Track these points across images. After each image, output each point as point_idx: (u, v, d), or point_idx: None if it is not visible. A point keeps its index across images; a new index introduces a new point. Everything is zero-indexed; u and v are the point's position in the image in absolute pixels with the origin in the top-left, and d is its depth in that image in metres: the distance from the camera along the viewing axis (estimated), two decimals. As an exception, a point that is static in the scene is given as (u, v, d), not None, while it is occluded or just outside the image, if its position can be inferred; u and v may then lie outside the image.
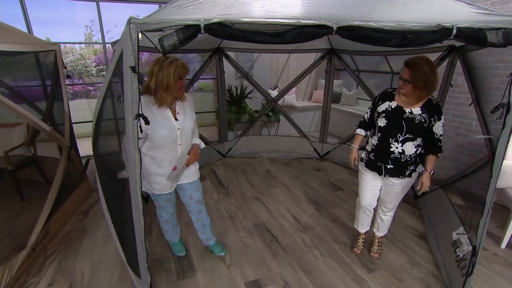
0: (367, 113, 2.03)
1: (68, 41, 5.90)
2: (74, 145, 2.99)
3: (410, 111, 1.75)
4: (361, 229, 2.30)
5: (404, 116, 1.75)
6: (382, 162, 1.89)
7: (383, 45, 1.24)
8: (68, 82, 3.05)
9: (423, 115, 1.73)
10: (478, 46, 1.69)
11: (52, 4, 4.90)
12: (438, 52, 2.72)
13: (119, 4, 4.23)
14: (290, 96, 5.50)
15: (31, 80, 3.25)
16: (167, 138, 1.74)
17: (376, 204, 2.15)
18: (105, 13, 4.01)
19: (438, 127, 1.76)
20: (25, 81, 3.31)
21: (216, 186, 3.51)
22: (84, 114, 5.42)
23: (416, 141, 1.80)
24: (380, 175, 1.94)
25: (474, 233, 1.70)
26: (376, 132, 1.89)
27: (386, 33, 1.19)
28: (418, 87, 1.65)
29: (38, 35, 3.72)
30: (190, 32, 1.13)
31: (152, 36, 1.15)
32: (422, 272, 2.11)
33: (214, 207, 3.01)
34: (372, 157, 1.94)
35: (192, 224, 2.20)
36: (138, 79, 1.23)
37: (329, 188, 3.48)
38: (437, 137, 1.78)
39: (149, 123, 1.32)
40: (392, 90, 1.89)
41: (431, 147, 1.83)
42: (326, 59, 4.02)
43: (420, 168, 1.90)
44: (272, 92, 5.19)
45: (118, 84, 2.23)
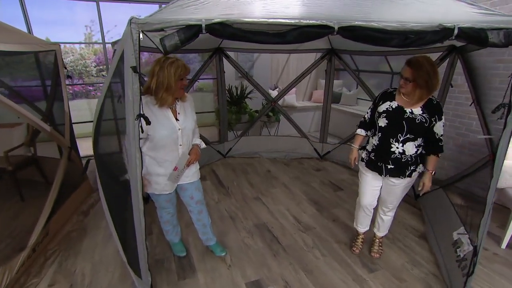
0: (367, 113, 2.02)
1: (68, 41, 5.89)
2: (74, 145, 2.99)
3: (410, 111, 1.75)
4: (361, 228, 2.30)
5: (405, 116, 1.75)
6: (383, 162, 1.89)
7: (385, 45, 1.24)
8: (68, 82, 3.04)
9: (423, 115, 1.73)
10: (480, 46, 1.69)
11: (52, 4, 4.90)
12: (438, 52, 2.72)
13: (119, 4, 4.23)
14: (290, 96, 5.50)
15: (30, 80, 3.25)
16: (168, 138, 1.74)
17: (376, 204, 2.15)
18: (105, 13, 4.01)
19: (439, 127, 1.76)
20: (25, 81, 3.31)
21: (217, 186, 3.51)
22: (84, 114, 5.42)
23: (416, 141, 1.80)
24: (381, 175, 1.94)
25: (475, 233, 1.70)
26: (377, 132, 1.89)
27: (387, 33, 1.19)
28: (420, 86, 1.65)
29: (38, 35, 3.71)
30: (192, 32, 1.13)
31: (154, 36, 1.14)
32: (422, 272, 2.11)
33: (215, 207, 3.01)
34: (373, 157, 1.94)
35: (192, 224, 2.20)
36: (139, 79, 1.23)
37: (329, 188, 3.48)
38: (438, 137, 1.78)
39: (150, 123, 1.31)
40: (392, 90, 1.89)
41: (432, 147, 1.82)
42: (326, 59, 4.02)
43: (420, 168, 1.90)
44: (272, 92, 5.19)
45: (118, 84, 2.22)
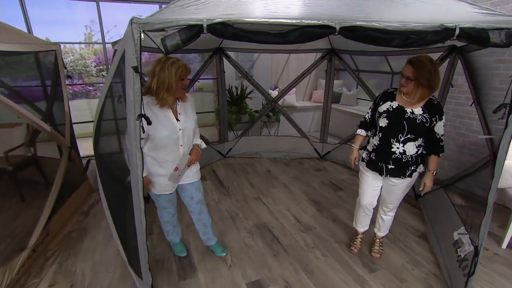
0: (368, 114, 2.02)
1: (68, 41, 5.89)
2: (75, 145, 2.98)
3: (411, 111, 1.75)
4: (360, 228, 2.31)
5: (406, 116, 1.75)
6: (383, 162, 1.89)
7: (386, 45, 1.24)
8: (68, 82, 3.04)
9: (424, 115, 1.72)
10: (481, 46, 1.69)
11: (52, 4, 4.89)
12: (439, 52, 2.72)
13: (119, 4, 4.23)
14: (290, 96, 5.50)
15: (30, 80, 3.24)
16: (169, 138, 1.73)
17: (376, 204, 2.15)
18: (105, 13, 4.01)
19: (439, 127, 1.76)
20: (25, 81, 3.30)
21: (217, 187, 3.51)
22: (84, 114, 5.41)
23: (417, 141, 1.80)
24: (381, 175, 1.94)
25: (475, 233, 1.70)
26: (377, 132, 1.89)
27: (389, 33, 1.19)
28: (422, 85, 1.65)
29: (38, 35, 3.71)
30: (193, 32, 1.13)
31: (155, 36, 1.14)
32: (423, 272, 2.11)
33: (215, 208, 3.00)
34: (373, 157, 1.94)
35: (193, 225, 2.20)
36: (140, 79, 1.23)
37: (329, 188, 3.48)
38: (438, 137, 1.78)
39: (151, 123, 1.31)
40: (393, 90, 1.88)
41: (432, 147, 1.82)
42: (326, 59, 4.02)
43: (421, 168, 1.90)
44: (272, 92, 5.19)
45: (118, 84, 2.22)
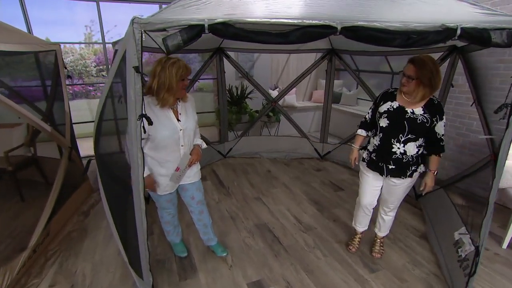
0: (368, 114, 2.02)
1: (68, 41, 5.88)
2: (75, 145, 2.98)
3: (412, 111, 1.75)
4: (359, 228, 2.31)
5: (406, 116, 1.75)
6: (384, 162, 1.89)
7: (387, 45, 1.24)
8: (68, 82, 3.03)
9: (425, 115, 1.72)
10: (482, 47, 1.69)
11: (52, 4, 4.88)
12: (439, 52, 2.72)
13: (119, 4, 4.22)
14: (290, 96, 5.50)
15: (30, 80, 3.24)
16: (169, 139, 1.73)
17: (376, 204, 2.15)
18: (105, 13, 4.00)
19: (440, 127, 1.76)
20: (25, 81, 3.30)
21: (217, 187, 3.50)
22: (84, 115, 5.40)
23: (418, 141, 1.80)
24: (382, 175, 1.94)
25: (476, 233, 1.70)
26: (378, 133, 1.89)
27: (390, 33, 1.19)
28: (423, 84, 1.65)
29: (38, 35, 3.70)
30: (194, 32, 1.13)
31: (156, 36, 1.14)
32: (424, 272, 2.11)
33: (215, 208, 3.00)
34: (374, 157, 1.94)
35: (193, 225, 2.20)
36: (141, 79, 1.22)
37: (330, 188, 3.48)
38: (439, 136, 1.78)
39: (152, 124, 1.31)
40: (393, 90, 1.88)
41: (433, 147, 1.83)
42: (326, 59, 4.02)
43: (421, 169, 1.90)
44: (272, 92, 5.18)
45: (119, 84, 2.21)
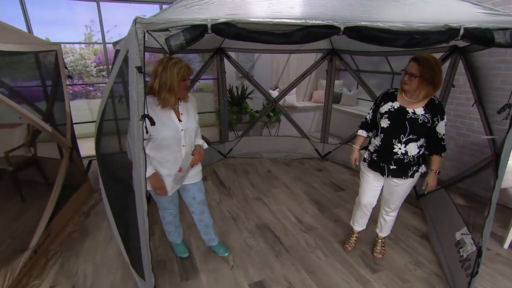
0: (369, 114, 2.02)
1: (68, 41, 5.87)
2: (76, 146, 2.97)
3: (413, 111, 1.75)
4: (357, 227, 2.32)
5: (407, 117, 1.75)
6: (385, 162, 1.89)
7: (390, 46, 1.23)
8: (68, 82, 3.03)
9: (426, 115, 1.72)
10: (485, 47, 1.69)
11: (52, 4, 4.87)
12: (440, 53, 2.72)
13: (119, 4, 4.21)
14: (291, 96, 5.49)
15: (30, 80, 3.23)
16: (171, 139, 1.72)
17: (376, 204, 2.15)
18: (105, 13, 3.99)
19: (441, 127, 1.76)
20: (25, 81, 3.29)
21: (218, 187, 3.50)
22: (84, 115, 5.38)
23: (419, 141, 1.80)
24: (383, 175, 1.94)
25: (478, 233, 1.69)
26: (379, 133, 1.89)
27: (393, 34, 1.18)
28: (426, 82, 1.65)
29: (38, 35, 3.69)
30: (197, 32, 1.12)
31: (159, 36, 1.14)
32: (425, 272, 2.11)
33: (216, 208, 3.00)
34: (375, 158, 1.94)
35: (194, 225, 2.20)
36: (143, 79, 1.22)
37: (330, 189, 3.48)
38: (440, 136, 1.78)
39: (154, 124, 1.30)
40: (394, 90, 1.88)
41: (434, 147, 1.83)
42: (327, 60, 4.01)
43: (422, 169, 1.90)
44: (273, 92, 5.18)
45: (119, 84, 2.20)
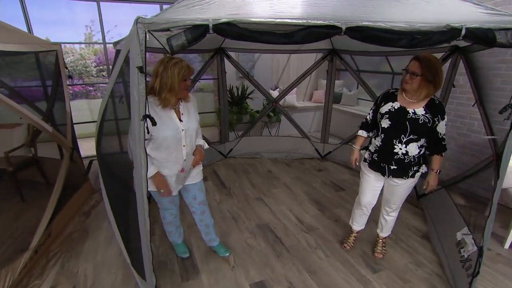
0: (369, 115, 2.02)
1: (68, 41, 5.86)
2: (76, 146, 2.97)
3: (413, 111, 1.75)
4: (356, 227, 2.32)
5: (408, 117, 1.75)
6: (386, 163, 1.89)
7: (392, 46, 1.23)
8: (68, 82, 3.02)
9: (426, 115, 1.72)
10: (487, 47, 1.69)
11: (52, 4, 4.86)
12: (440, 53, 2.72)
13: (119, 4, 4.21)
14: (291, 96, 5.49)
15: (30, 80, 3.22)
16: (171, 139, 1.72)
17: (375, 203, 2.15)
18: (105, 13, 3.99)
19: (441, 126, 1.76)
20: (25, 81, 3.28)
21: (218, 187, 3.50)
22: (84, 115, 5.38)
23: (419, 141, 1.80)
24: (384, 175, 1.94)
25: (478, 233, 1.69)
26: (380, 133, 1.89)
27: (395, 34, 1.18)
28: (427, 81, 1.65)
29: (38, 35, 3.68)
30: (199, 32, 1.12)
31: (160, 36, 1.13)
32: (426, 273, 2.11)
33: (217, 208, 2.99)
34: (376, 158, 1.94)
35: (195, 225, 2.20)
36: (145, 79, 1.22)
37: (331, 189, 3.48)
38: (441, 136, 1.78)
39: (156, 124, 1.30)
40: (394, 90, 1.88)
41: (435, 146, 1.83)
42: (327, 60, 4.01)
43: (423, 169, 1.90)
44: (273, 92, 5.18)
45: (120, 84, 2.20)
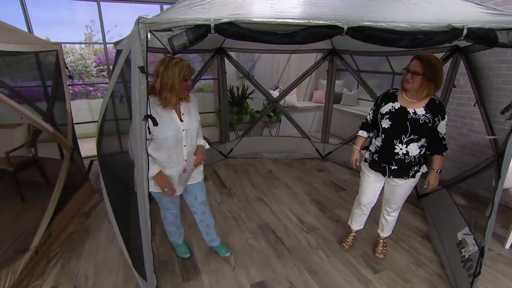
0: (369, 115, 2.02)
1: (68, 41, 5.85)
2: (76, 146, 2.97)
3: (414, 111, 1.74)
4: (355, 226, 2.33)
5: (408, 117, 1.75)
6: (386, 163, 1.89)
7: (394, 46, 1.23)
8: (69, 82, 3.02)
9: (427, 115, 1.72)
10: (488, 47, 1.69)
11: (52, 4, 4.86)
12: (441, 53, 2.72)
13: (119, 4, 4.21)
14: (291, 97, 5.49)
15: (30, 80, 3.22)
16: (172, 139, 1.72)
17: (375, 203, 2.15)
18: (105, 13, 3.98)
19: (442, 126, 1.76)
20: (25, 81, 3.28)
21: (219, 187, 3.50)
22: (84, 115, 5.37)
23: (420, 141, 1.80)
24: (384, 175, 1.94)
25: (479, 233, 1.69)
26: (380, 134, 1.89)
27: (397, 34, 1.18)
28: (428, 80, 1.65)
29: (38, 35, 3.67)
30: (200, 32, 1.12)
31: (161, 36, 1.13)
32: (427, 273, 2.11)
33: (217, 208, 2.99)
34: (376, 158, 1.94)
35: (195, 226, 2.19)
36: (146, 79, 1.22)
37: (331, 189, 3.48)
38: (441, 136, 1.78)
39: (157, 124, 1.30)
40: (394, 90, 1.88)
41: (435, 146, 1.83)
42: (327, 60, 4.01)
43: (424, 169, 1.90)
44: (273, 92, 5.17)
45: (120, 84, 2.20)
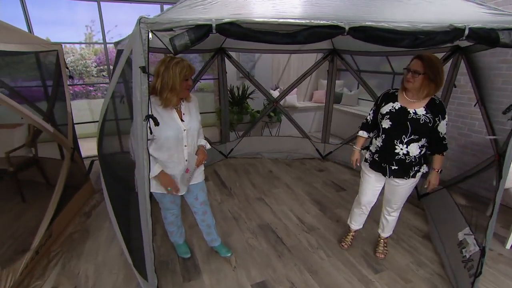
0: (369, 115, 2.02)
1: (68, 41, 5.85)
2: (77, 146, 2.96)
3: (414, 111, 1.74)
4: (354, 226, 2.33)
5: (409, 117, 1.75)
6: (387, 163, 1.89)
7: (395, 46, 1.23)
8: (69, 82, 3.02)
9: (427, 115, 1.72)
10: (490, 47, 1.68)
11: (53, 4, 4.86)
12: (442, 53, 2.72)
13: (120, 4, 4.20)
14: (291, 97, 5.49)
15: (30, 80, 3.22)
16: (173, 139, 1.72)
17: (375, 202, 2.15)
18: (105, 13, 3.98)
19: (442, 126, 1.76)
20: (25, 81, 3.28)
21: (219, 187, 3.49)
22: (84, 115, 5.37)
23: (420, 141, 1.80)
24: (385, 176, 1.94)
25: (480, 233, 1.69)
26: (380, 134, 1.89)
27: (398, 34, 1.18)
28: (430, 79, 1.65)
29: (39, 35, 3.67)
30: (202, 32, 1.12)
31: (163, 36, 1.13)
32: (428, 273, 2.11)
33: (218, 208, 2.99)
34: (377, 158, 1.94)
35: (196, 226, 2.19)
36: (147, 79, 1.22)
37: (331, 189, 3.48)
38: (441, 136, 1.78)
39: (158, 124, 1.30)
40: (394, 90, 1.88)
41: (436, 146, 1.83)
42: (328, 60, 4.01)
43: (424, 169, 1.90)
44: (273, 92, 5.17)
45: (121, 84, 2.19)
